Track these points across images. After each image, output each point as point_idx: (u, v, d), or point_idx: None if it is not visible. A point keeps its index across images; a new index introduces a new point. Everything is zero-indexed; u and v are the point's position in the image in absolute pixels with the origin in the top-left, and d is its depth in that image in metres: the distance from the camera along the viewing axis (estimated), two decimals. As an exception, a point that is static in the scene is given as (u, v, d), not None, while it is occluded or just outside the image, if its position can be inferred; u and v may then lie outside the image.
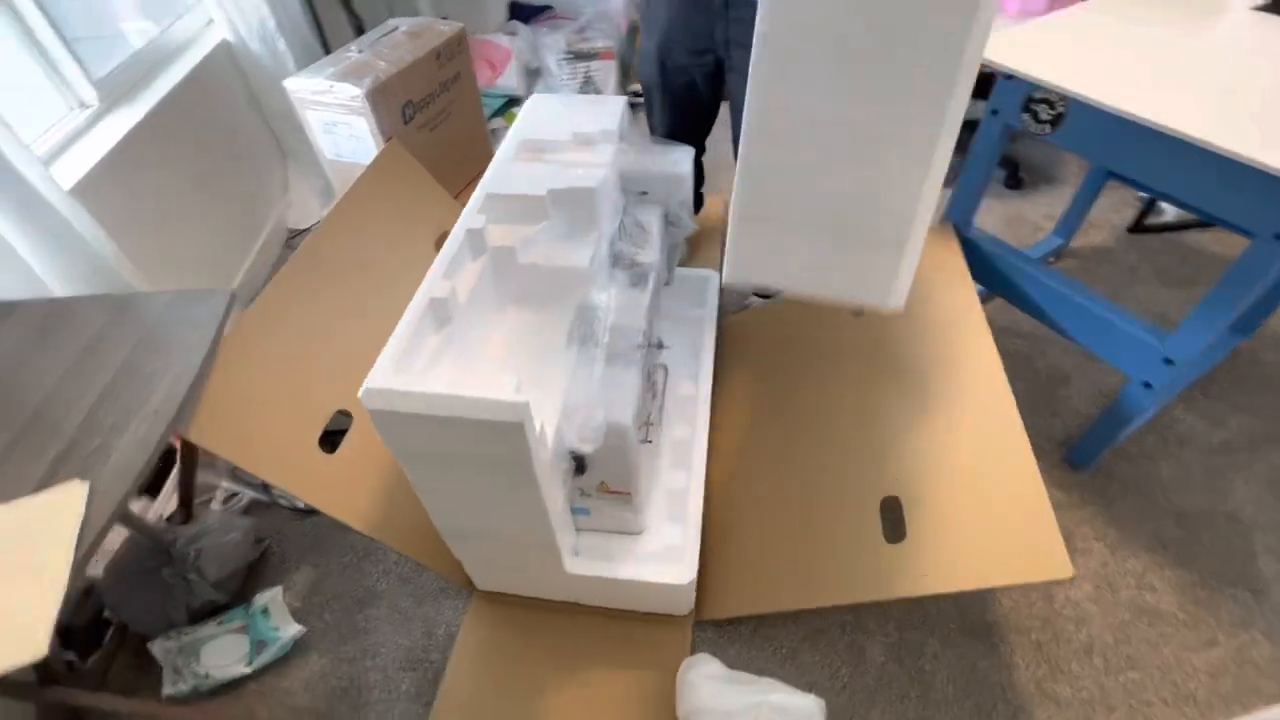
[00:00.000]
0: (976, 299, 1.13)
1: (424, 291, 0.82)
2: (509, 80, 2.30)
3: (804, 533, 1.08)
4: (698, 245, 1.79)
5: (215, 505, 1.27)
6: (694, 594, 1.06)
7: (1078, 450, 1.27)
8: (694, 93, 1.38)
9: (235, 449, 0.89)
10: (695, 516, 1.05)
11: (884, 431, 1.10)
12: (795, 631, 1.09)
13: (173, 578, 1.04)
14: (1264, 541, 1.16)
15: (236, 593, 1.14)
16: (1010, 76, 1.06)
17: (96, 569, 1.09)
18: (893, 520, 0.98)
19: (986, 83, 1.12)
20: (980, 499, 0.92)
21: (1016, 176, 1.93)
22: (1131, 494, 1.23)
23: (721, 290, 1.45)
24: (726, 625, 1.09)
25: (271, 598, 1.11)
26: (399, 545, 1.04)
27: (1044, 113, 1.05)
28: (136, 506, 1.21)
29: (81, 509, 0.67)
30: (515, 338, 0.96)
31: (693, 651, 1.06)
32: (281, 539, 1.23)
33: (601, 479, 0.94)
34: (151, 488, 1.26)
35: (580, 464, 0.92)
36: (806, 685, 1.02)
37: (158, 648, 1.04)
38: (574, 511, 1.02)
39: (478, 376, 0.82)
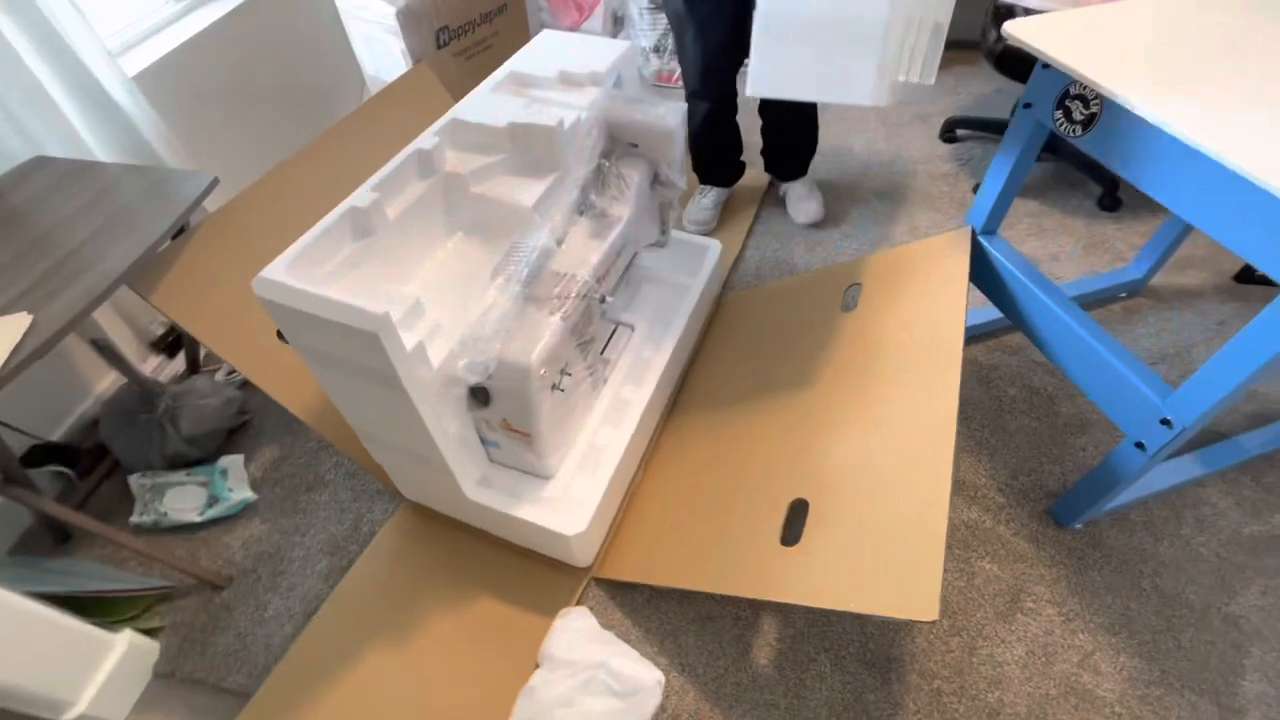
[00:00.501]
0: (961, 318, 1.01)
1: (347, 200, 0.85)
2: (594, 24, 2.29)
3: (711, 517, 1.05)
4: (729, 213, 1.73)
5: (220, 375, 1.41)
6: (590, 548, 1.07)
7: (1062, 505, 1.13)
8: (722, 20, 1.34)
9: (191, 317, 0.98)
10: (606, 474, 1.04)
11: (823, 433, 1.03)
12: (687, 612, 1.06)
13: (151, 425, 1.18)
14: (1260, 658, 0.98)
15: (213, 452, 1.28)
16: (1048, 66, 0.92)
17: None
18: (795, 523, 0.93)
19: (1026, 68, 0.98)
20: (881, 518, 0.85)
21: (1114, 196, 1.69)
22: (1113, 566, 1.08)
23: (731, 268, 1.40)
24: (624, 588, 1.09)
25: (233, 463, 1.24)
26: (338, 442, 1.12)
27: (1078, 111, 0.90)
28: (151, 363, 1.37)
29: (17, 337, 0.77)
30: (452, 264, 0.98)
31: (580, 603, 1.07)
32: (262, 415, 1.36)
33: (504, 415, 0.96)
34: (171, 349, 1.42)
35: (483, 396, 0.94)
36: (680, 667, 1.01)
37: (134, 481, 1.19)
38: (486, 443, 1.04)
39: (385, 289, 0.85)
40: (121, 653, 0.99)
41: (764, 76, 0.96)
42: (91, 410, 1.31)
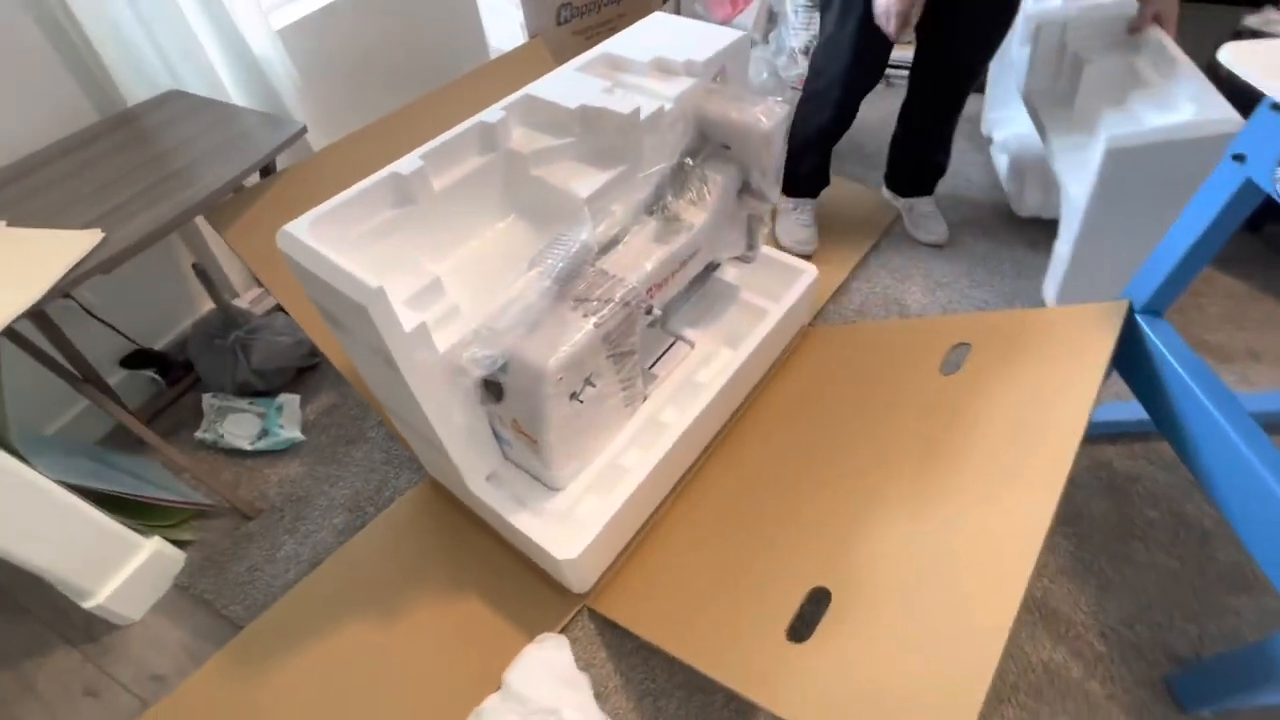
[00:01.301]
0: (1086, 407, 0.80)
1: (392, 165, 0.82)
2: (746, 19, 2.16)
3: (723, 581, 0.92)
4: (841, 238, 1.55)
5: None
6: (586, 575, 0.98)
7: (1188, 680, 0.87)
8: None
9: (257, 257, 1.01)
10: (620, 498, 0.94)
11: (875, 511, 0.86)
12: (676, 675, 0.94)
13: (224, 351, 1.25)
14: None
15: (279, 387, 1.34)
16: (1279, 108, 0.68)
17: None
18: (812, 615, 0.78)
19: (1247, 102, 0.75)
20: (917, 632, 0.69)
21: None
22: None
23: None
24: (618, 629, 0.99)
25: (289, 401, 1.29)
26: (374, 402, 1.11)
27: (1311, 174, 0.66)
28: (251, 294, 1.47)
29: (84, 251, 0.82)
30: (497, 248, 0.93)
31: (567, 631, 0.99)
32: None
33: (515, 415, 0.89)
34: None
35: (496, 391, 0.88)
36: (653, 733, 0.89)
37: (206, 399, 1.28)
38: (500, 439, 0.98)
39: (413, 262, 0.81)
40: (146, 557, 1.05)
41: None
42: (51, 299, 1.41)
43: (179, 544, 1.13)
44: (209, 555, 1.13)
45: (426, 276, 0.78)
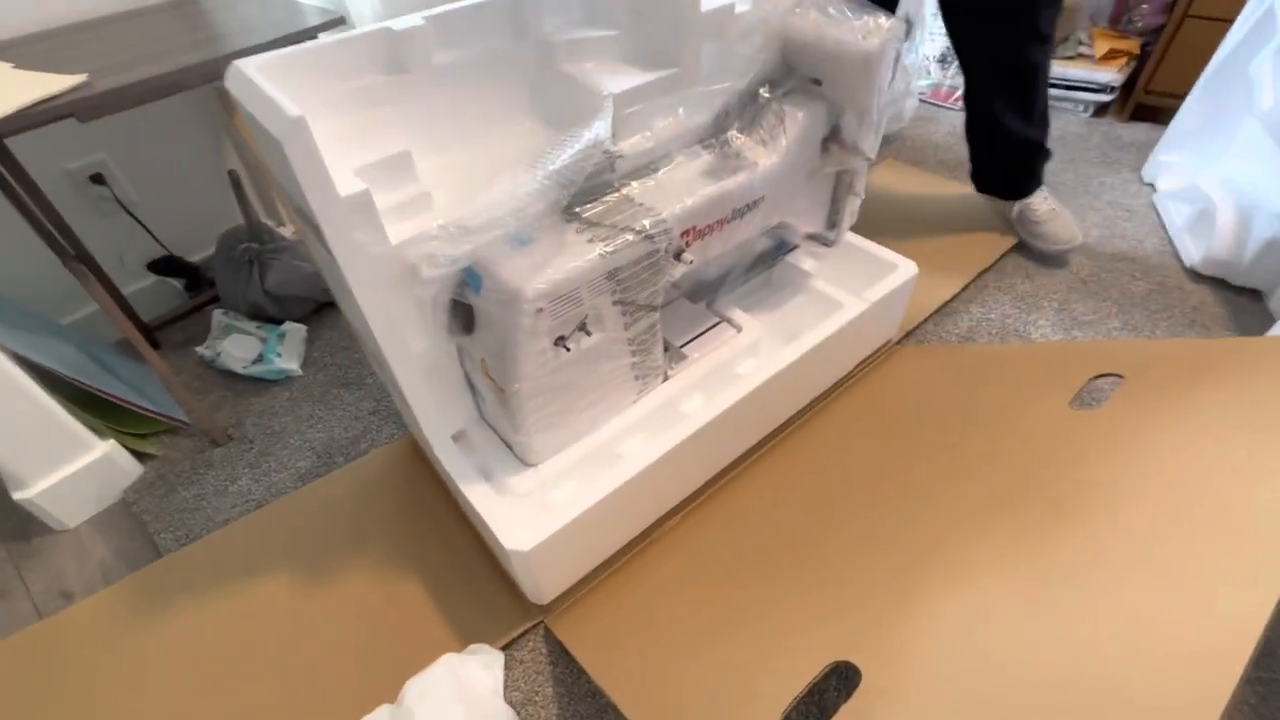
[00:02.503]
0: None
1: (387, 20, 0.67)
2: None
3: (720, 633, 0.67)
4: (956, 246, 1.27)
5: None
6: (544, 580, 0.76)
7: None
8: None
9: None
10: (605, 490, 0.73)
11: (931, 577, 0.59)
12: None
13: (239, 265, 1.17)
14: None
15: (296, 318, 1.24)
16: None
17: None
18: (825, 696, 0.52)
19: None
20: None
21: None
22: None
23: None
24: (574, 663, 0.76)
25: (294, 331, 1.18)
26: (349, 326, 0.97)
27: None
28: (293, 226, 1.40)
29: (57, 89, 0.74)
30: (511, 154, 0.76)
31: (511, 648, 0.77)
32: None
33: (484, 354, 0.71)
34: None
35: (464, 317, 0.70)
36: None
37: (214, 315, 1.20)
38: (475, 391, 0.80)
39: (397, 146, 0.65)
40: (93, 459, 0.95)
41: None
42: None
43: (140, 456, 1.03)
44: (162, 474, 1.01)
45: (395, 150, 0.62)
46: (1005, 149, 1.19)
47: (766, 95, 0.81)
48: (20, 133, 0.73)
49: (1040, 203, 1.23)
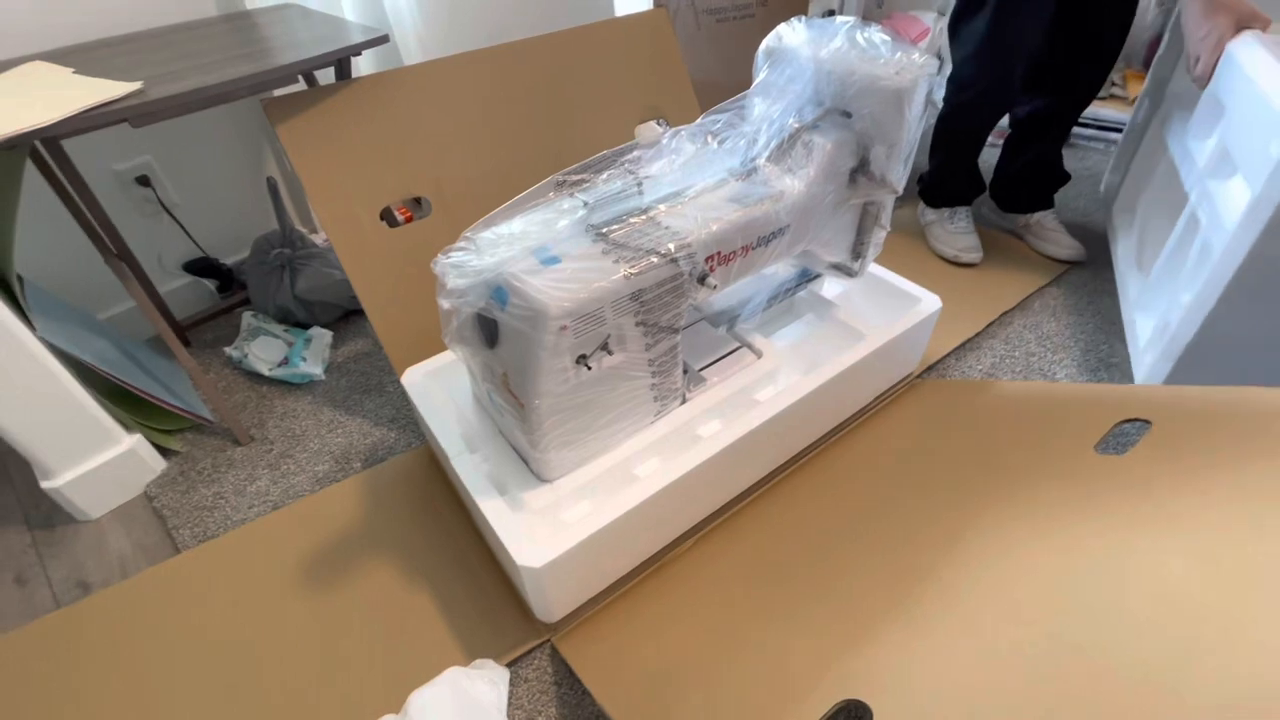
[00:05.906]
0: None
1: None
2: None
3: (715, 665, 0.66)
4: (987, 285, 1.26)
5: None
6: (553, 598, 0.75)
7: None
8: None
9: (304, 158, 0.93)
10: (618, 510, 0.73)
11: (942, 615, 0.58)
12: (634, 769, 0.68)
13: (271, 269, 1.20)
14: None
15: (322, 322, 1.27)
16: None
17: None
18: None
19: None
20: None
21: None
22: None
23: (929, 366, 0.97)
24: (579, 684, 0.76)
25: (319, 336, 1.21)
26: (384, 338, 0.98)
27: None
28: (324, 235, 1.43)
29: (115, 95, 0.77)
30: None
31: (517, 665, 0.77)
32: (380, 310, 1.32)
33: (505, 369, 0.71)
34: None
35: (490, 331, 0.71)
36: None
37: (244, 317, 1.22)
38: (493, 402, 0.81)
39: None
40: (119, 452, 0.97)
41: None
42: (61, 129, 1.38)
43: (164, 452, 1.05)
44: (184, 470, 1.03)
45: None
46: (1047, 169, 1.33)
47: (795, 125, 0.82)
48: (77, 135, 0.76)
49: (1052, 218, 1.36)
